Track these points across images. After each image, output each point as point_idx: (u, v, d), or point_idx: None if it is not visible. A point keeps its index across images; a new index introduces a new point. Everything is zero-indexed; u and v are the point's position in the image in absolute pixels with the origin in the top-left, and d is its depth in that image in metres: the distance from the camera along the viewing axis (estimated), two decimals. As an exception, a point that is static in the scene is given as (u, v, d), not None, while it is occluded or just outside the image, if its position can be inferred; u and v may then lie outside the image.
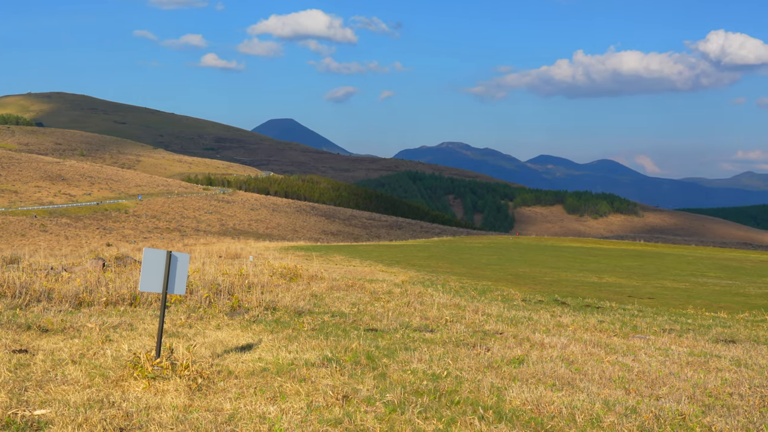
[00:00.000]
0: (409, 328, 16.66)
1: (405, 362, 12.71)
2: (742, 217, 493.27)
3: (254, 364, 12.18)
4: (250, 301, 19.19)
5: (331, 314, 18.34)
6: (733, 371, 13.59)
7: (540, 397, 10.69)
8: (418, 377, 11.64)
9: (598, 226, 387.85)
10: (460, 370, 12.34)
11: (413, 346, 14.31)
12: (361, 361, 12.62)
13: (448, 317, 18.70)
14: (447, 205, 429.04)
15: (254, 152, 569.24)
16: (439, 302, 22.02)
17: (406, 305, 20.97)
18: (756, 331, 21.13)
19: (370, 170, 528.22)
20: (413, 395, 10.55)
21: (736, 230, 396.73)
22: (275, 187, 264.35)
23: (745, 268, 64.24)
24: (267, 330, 15.61)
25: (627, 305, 26.76)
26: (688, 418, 10.01)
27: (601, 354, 14.54)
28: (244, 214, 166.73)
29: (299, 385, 10.81)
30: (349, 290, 24.41)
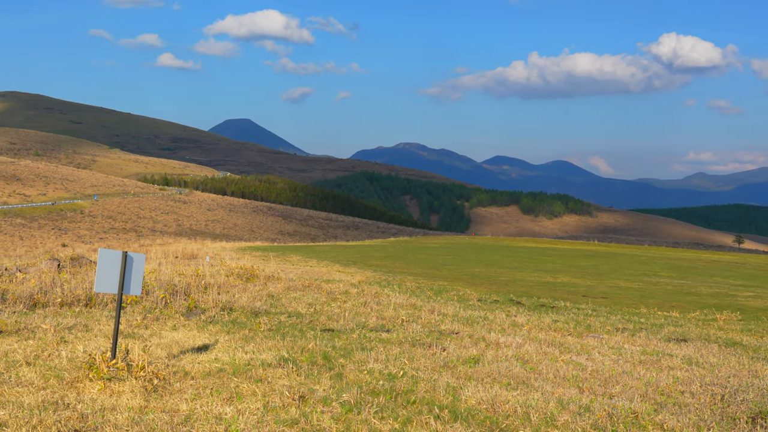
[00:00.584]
0: (366, 328, 16.70)
1: (361, 362, 12.75)
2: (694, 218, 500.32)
3: (210, 364, 12.15)
4: (206, 301, 19.11)
5: (288, 314, 18.32)
6: (684, 369, 13.78)
7: (495, 396, 10.75)
8: (374, 377, 11.67)
9: (552, 227, 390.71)
10: (416, 369, 12.40)
11: (369, 346, 14.35)
12: (318, 362, 12.63)
13: (404, 317, 18.75)
14: (403, 205, 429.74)
15: (211, 152, 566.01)
16: (396, 302, 22.08)
17: (363, 305, 21.00)
18: (707, 329, 21.44)
19: (326, 171, 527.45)
20: (369, 395, 10.58)
21: (687, 230, 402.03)
22: (232, 188, 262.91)
23: (696, 267, 65.13)
24: (223, 330, 15.57)
25: (581, 305, 27.01)
26: (641, 417, 10.12)
27: (556, 353, 14.67)
28: (201, 215, 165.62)
29: (256, 386, 10.81)
30: (306, 290, 24.38)
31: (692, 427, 9.86)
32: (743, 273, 62.40)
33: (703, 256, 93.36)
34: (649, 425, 9.80)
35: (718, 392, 11.84)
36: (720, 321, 24.79)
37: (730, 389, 12.10)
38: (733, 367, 14.38)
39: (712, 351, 16.38)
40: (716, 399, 11.41)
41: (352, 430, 9.19)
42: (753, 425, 10.07)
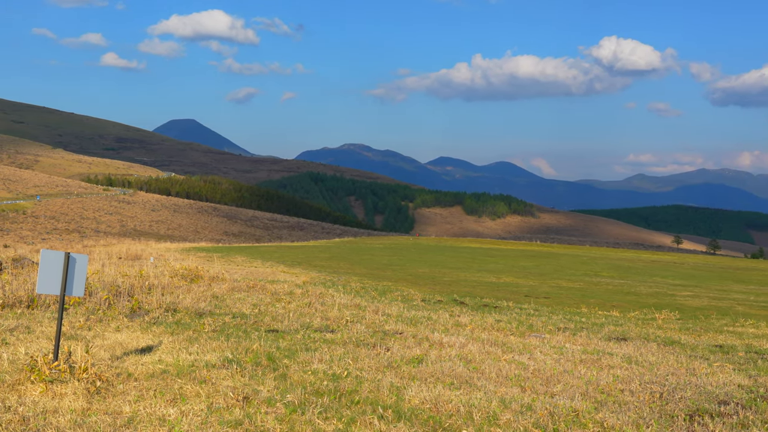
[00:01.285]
0: (310, 328, 16.69)
1: (306, 363, 12.75)
2: (634, 218, 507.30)
3: (154, 366, 12.07)
4: (150, 302, 18.95)
5: (232, 315, 18.24)
6: (624, 368, 13.98)
7: (438, 395, 10.81)
8: (318, 378, 11.68)
9: (495, 227, 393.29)
10: (361, 370, 12.43)
11: (314, 346, 14.35)
12: (262, 362, 12.61)
13: (348, 318, 18.78)
14: (348, 206, 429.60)
15: (155, 153, 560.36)
16: (340, 303, 22.09)
17: (308, 306, 20.99)
18: (646, 329, 21.79)
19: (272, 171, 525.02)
20: (314, 396, 10.59)
21: (628, 231, 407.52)
22: (177, 188, 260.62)
23: (636, 267, 66.07)
24: (167, 332, 15.46)
25: (524, 304, 27.26)
26: (581, 415, 10.22)
27: (498, 353, 14.78)
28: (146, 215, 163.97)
29: (199, 387, 10.76)
30: (251, 291, 24.29)
31: (632, 425, 9.98)
32: (682, 273, 63.47)
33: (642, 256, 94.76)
34: (589, 423, 9.89)
35: (657, 390, 12.02)
36: (659, 320, 25.20)
37: (669, 387, 12.31)
38: (671, 365, 14.64)
39: (651, 350, 16.65)
40: (655, 397, 11.57)
41: (296, 430, 9.20)
42: (690, 422, 10.24)
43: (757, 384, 13.08)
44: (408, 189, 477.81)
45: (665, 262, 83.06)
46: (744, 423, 10.27)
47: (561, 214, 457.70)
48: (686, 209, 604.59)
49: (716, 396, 11.85)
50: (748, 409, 11.04)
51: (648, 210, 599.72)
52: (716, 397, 11.79)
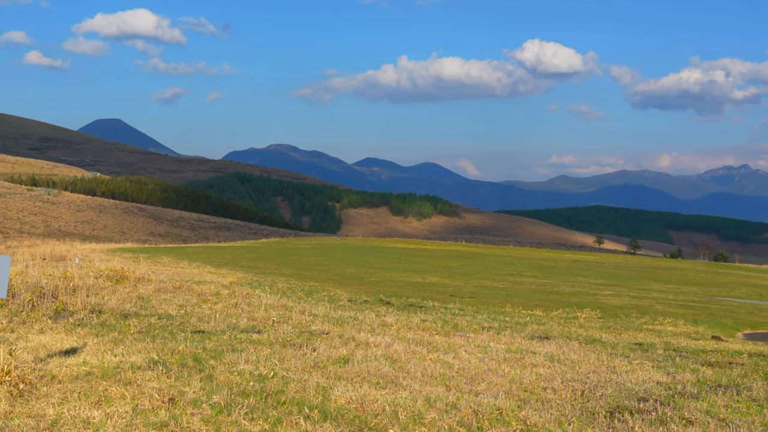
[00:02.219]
0: (237, 329, 16.62)
1: (232, 363, 12.70)
2: (557, 219, 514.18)
3: (79, 368, 11.90)
4: (75, 304, 18.65)
5: (158, 316, 18.05)
6: (547, 366, 14.19)
7: (364, 395, 10.84)
8: (244, 378, 11.65)
9: (421, 227, 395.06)
10: (287, 370, 12.42)
11: (240, 347, 14.30)
12: (188, 364, 12.52)
13: (275, 318, 18.74)
14: (275, 206, 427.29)
15: (80, 152, 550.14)
16: (267, 303, 22.03)
17: (234, 306, 20.88)
18: (568, 327, 22.17)
19: (198, 171, 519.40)
20: (240, 396, 10.56)
21: (550, 231, 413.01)
22: (102, 188, 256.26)
23: (559, 267, 67.06)
24: (92, 333, 15.25)
25: (449, 304, 27.51)
26: (505, 413, 10.32)
27: (424, 352, 14.88)
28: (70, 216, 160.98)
29: (125, 389, 10.65)
30: (177, 292, 24.07)
31: (554, 422, 10.11)
32: (603, 272, 64.66)
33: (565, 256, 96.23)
34: (512, 421, 9.99)
35: (579, 388, 12.21)
36: (581, 319, 25.66)
37: (590, 385, 12.53)
38: (592, 363, 14.91)
39: (573, 348, 16.94)
40: (577, 394, 11.75)
41: (222, 431, 9.18)
42: (611, 419, 10.43)
43: (675, 381, 13.40)
44: (335, 189, 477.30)
45: (587, 261, 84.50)
46: (662, 419, 10.50)
47: (485, 215, 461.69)
48: (607, 210, 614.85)
49: (636, 393, 12.09)
50: (666, 405, 11.29)
51: (570, 210, 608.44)
52: (636, 394, 12.04)
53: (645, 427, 10.11)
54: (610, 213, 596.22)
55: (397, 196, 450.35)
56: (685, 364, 15.65)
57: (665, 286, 54.10)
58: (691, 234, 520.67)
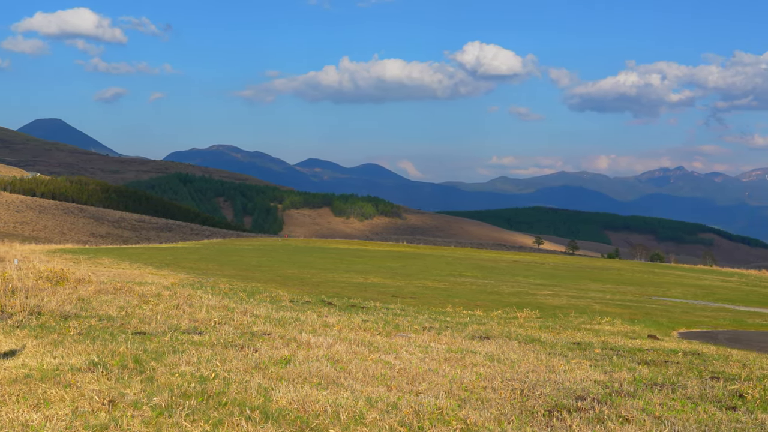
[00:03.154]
0: (178, 330, 16.50)
1: (173, 365, 12.61)
2: (497, 220, 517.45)
3: (17, 370, 11.73)
4: (13, 305, 18.34)
5: (99, 318, 17.84)
6: (487, 366, 14.33)
7: (306, 396, 10.83)
8: (186, 380, 11.57)
9: (363, 228, 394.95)
10: (228, 371, 12.37)
11: (182, 348, 14.20)
12: (129, 365, 12.41)
13: (217, 319, 18.64)
14: (217, 207, 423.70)
15: (20, 152, 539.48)
16: (209, 304, 21.90)
17: (175, 308, 20.72)
18: (508, 327, 22.40)
19: (140, 172, 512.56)
20: (181, 398, 10.49)
21: (491, 232, 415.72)
22: (42, 189, 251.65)
23: (499, 267, 67.58)
24: (31, 335, 15.03)
25: (390, 305, 27.62)
26: (445, 412, 10.38)
27: (365, 352, 14.92)
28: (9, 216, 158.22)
29: (64, 391, 10.53)
30: (118, 293, 23.79)
31: (493, 421, 10.19)
32: (542, 272, 65.31)
33: (505, 257, 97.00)
34: (453, 420, 10.05)
35: (518, 387, 12.36)
36: (520, 319, 25.93)
37: (529, 384, 12.69)
38: (531, 362, 15.10)
39: (512, 348, 17.13)
40: (516, 393, 11.88)
41: (164, 433, 9.13)
42: (549, 417, 10.57)
43: (612, 379, 13.64)
44: (277, 190, 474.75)
45: (527, 262, 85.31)
46: (599, 417, 10.68)
47: (427, 216, 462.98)
48: (547, 211, 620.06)
49: (574, 392, 12.28)
50: (603, 403, 11.49)
51: (510, 211, 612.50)
52: (574, 392, 12.22)
53: (583, 426, 10.25)
54: (549, 214, 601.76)
55: (339, 197, 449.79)
56: (622, 362, 15.92)
57: (603, 286, 54.90)
58: (629, 234, 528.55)
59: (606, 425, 10.32)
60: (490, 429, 9.89)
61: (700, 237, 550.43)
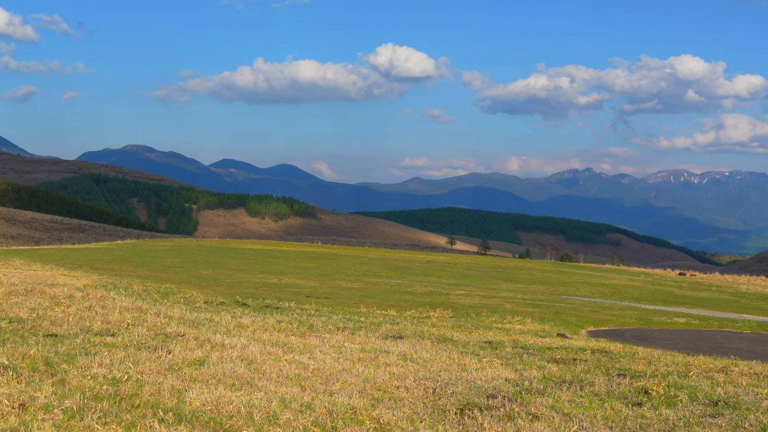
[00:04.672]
0: (90, 332, 16.29)
1: (85, 367, 12.46)
2: (411, 220, 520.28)
3: None
4: None
5: (9, 320, 17.48)
6: (400, 365, 14.48)
7: (219, 397, 10.80)
8: (98, 382, 11.44)
9: (278, 229, 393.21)
10: (141, 373, 12.27)
11: (94, 350, 14.03)
12: (40, 368, 12.22)
13: (130, 321, 18.44)
14: (131, 208, 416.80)
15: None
16: (122, 306, 21.64)
17: (88, 309, 20.42)
18: (421, 327, 22.66)
19: (52, 172, 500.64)
20: (93, 400, 10.39)
21: (405, 232, 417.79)
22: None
23: (413, 268, 68.03)
24: (-65, 339, 14.68)
25: (305, 305, 27.67)
26: (359, 412, 10.46)
27: (279, 353, 14.94)
28: None
29: (-28, 395, 10.34)
30: (29, 295, 23.33)
31: (406, 420, 10.30)
32: (455, 273, 65.99)
33: (419, 257, 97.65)
34: (366, 420, 10.12)
35: (431, 386, 12.51)
36: (433, 318, 26.23)
37: (441, 383, 12.86)
38: (444, 361, 15.32)
39: (425, 347, 17.34)
40: (428, 392, 12.03)
41: (75, 436, 9.05)
42: (461, 416, 10.72)
43: (522, 378, 13.92)
44: (192, 191, 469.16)
45: (440, 262, 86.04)
46: (510, 415, 10.88)
47: (341, 216, 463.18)
48: (459, 211, 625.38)
49: (485, 390, 12.48)
50: (514, 401, 11.70)
51: (424, 212, 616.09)
52: (485, 391, 12.42)
53: (493, 423, 10.43)
54: (462, 214, 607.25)
55: (254, 198, 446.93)
56: (532, 361, 16.26)
57: (514, 285, 55.77)
58: (539, 235, 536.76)
59: (516, 423, 10.51)
60: (402, 428, 10.00)
61: (608, 237, 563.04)
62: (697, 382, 14.45)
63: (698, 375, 15.45)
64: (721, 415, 11.48)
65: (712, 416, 11.44)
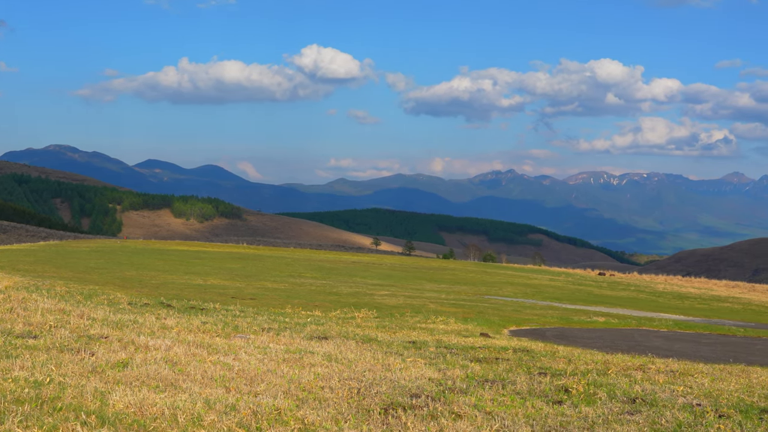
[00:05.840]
0: (12, 335, 16.02)
1: (6, 370, 12.28)
2: (336, 221, 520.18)
3: None
4: None
5: None
6: (325, 366, 14.56)
7: (143, 399, 10.74)
8: (19, 385, 11.30)
9: (203, 230, 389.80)
10: (64, 375, 12.14)
11: (15, 353, 13.83)
12: (-42, 372, 12.04)
13: (52, 323, 18.17)
14: (54, 208, 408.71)
15: None
16: (44, 307, 21.28)
17: (9, 311, 20.06)
18: (346, 327, 22.79)
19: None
20: (14, 404, 10.26)
21: (330, 233, 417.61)
22: None
23: (338, 268, 68.12)
24: None
25: (230, 306, 27.59)
26: (284, 413, 10.50)
27: (204, 354, 14.91)
28: None
29: None
30: (-56, 298, 22.83)
31: (331, 420, 10.39)
32: (380, 273, 66.29)
33: (344, 258, 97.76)
34: (291, 421, 10.17)
35: (355, 386, 12.60)
36: (358, 319, 26.40)
37: (366, 383, 12.98)
38: (368, 362, 15.45)
39: (350, 347, 17.46)
40: (353, 393, 12.12)
41: (-4, 440, 8.96)
42: (385, 415, 10.84)
43: (445, 377, 14.12)
44: (116, 191, 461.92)
45: (365, 263, 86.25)
46: (433, 414, 11.02)
47: (267, 217, 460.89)
48: (384, 212, 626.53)
49: (409, 390, 12.62)
50: (437, 401, 11.86)
51: (349, 213, 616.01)
52: (409, 390, 12.56)
53: (417, 423, 10.56)
54: (386, 215, 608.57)
55: (179, 198, 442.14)
56: (455, 360, 16.49)
57: (438, 285, 56.26)
58: (463, 235, 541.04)
59: (439, 422, 10.66)
60: (327, 428, 10.08)
61: (530, 238, 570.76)
62: (616, 380, 14.82)
63: (617, 373, 15.83)
64: (639, 412, 11.78)
65: (630, 413, 11.73)
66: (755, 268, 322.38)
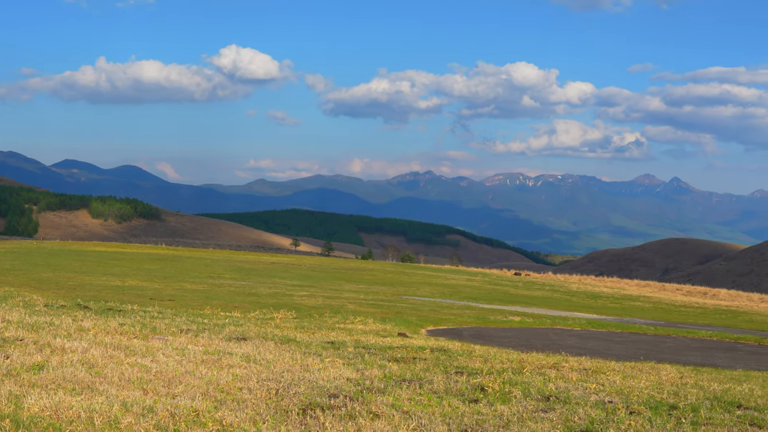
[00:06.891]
0: None
1: None
2: (256, 222, 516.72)
3: None
4: None
5: None
6: (243, 367, 14.56)
7: (59, 402, 10.63)
8: (-70, 390, 11.14)
9: (122, 231, 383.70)
10: (-23, 380, 11.99)
11: (-76, 358, 13.59)
12: None
13: (-38, 327, 17.87)
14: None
15: None
16: (-46, 311, 20.89)
17: None
18: (265, 328, 22.80)
19: None
20: (-75, 409, 10.12)
21: (250, 234, 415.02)
22: None
23: (257, 269, 67.92)
24: None
25: (148, 307, 27.38)
26: (202, 414, 10.49)
27: (121, 356, 14.77)
28: None
29: None
30: None
31: (249, 421, 10.41)
32: (299, 274, 66.29)
33: (263, 258, 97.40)
34: (209, 422, 10.17)
35: (273, 387, 12.63)
36: (277, 319, 26.45)
37: (284, 383, 13.02)
38: (287, 362, 15.50)
39: (269, 348, 17.49)
40: (271, 393, 12.15)
41: None
42: (303, 416, 10.90)
43: (363, 377, 14.24)
44: (32, 191, 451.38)
45: (284, 263, 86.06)
46: (351, 414, 11.11)
47: (186, 218, 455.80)
48: (303, 213, 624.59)
49: (327, 390, 12.70)
50: (355, 400, 11.96)
51: (268, 214, 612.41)
52: (327, 390, 12.64)
53: (335, 423, 10.65)
54: (306, 216, 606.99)
55: (96, 199, 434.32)
56: (373, 360, 16.65)
57: (357, 286, 56.48)
58: (381, 236, 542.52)
59: (357, 421, 10.76)
60: (245, 429, 10.11)
61: (448, 238, 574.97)
62: (531, 378, 15.15)
63: (531, 371, 16.18)
64: (553, 410, 12.06)
65: (544, 411, 12.00)
66: (665, 267, 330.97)
